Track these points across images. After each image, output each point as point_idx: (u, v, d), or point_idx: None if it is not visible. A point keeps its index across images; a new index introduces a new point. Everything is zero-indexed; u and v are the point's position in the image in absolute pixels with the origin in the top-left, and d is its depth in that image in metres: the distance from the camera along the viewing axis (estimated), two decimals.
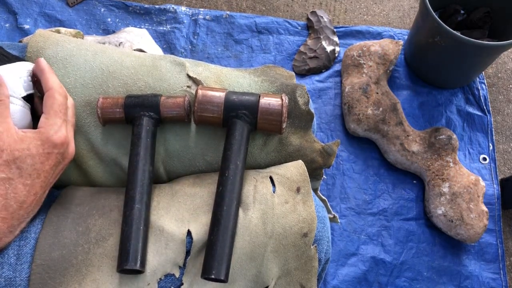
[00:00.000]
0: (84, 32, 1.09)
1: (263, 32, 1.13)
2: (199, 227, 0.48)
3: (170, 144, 0.55)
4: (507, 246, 0.95)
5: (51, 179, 0.46)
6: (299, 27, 1.15)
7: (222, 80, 0.58)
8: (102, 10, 1.13)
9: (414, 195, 0.97)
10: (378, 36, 1.15)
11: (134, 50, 0.75)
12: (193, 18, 1.13)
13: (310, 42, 1.11)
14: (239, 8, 1.18)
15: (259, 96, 0.53)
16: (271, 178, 0.52)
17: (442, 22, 0.88)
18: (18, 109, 0.46)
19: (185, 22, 1.13)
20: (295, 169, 0.54)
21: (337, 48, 1.11)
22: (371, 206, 0.95)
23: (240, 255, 0.48)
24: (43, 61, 0.48)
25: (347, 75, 1.04)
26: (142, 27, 1.11)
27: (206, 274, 0.45)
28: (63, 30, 0.82)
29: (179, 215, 0.49)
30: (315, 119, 0.60)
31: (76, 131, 0.53)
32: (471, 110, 1.06)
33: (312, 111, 0.58)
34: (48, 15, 1.10)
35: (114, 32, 1.09)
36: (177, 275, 0.47)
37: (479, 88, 1.08)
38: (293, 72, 0.66)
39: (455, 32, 0.87)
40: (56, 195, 0.52)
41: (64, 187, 0.55)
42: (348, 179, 0.98)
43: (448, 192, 0.90)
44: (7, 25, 1.08)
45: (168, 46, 1.10)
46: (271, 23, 1.14)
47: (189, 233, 0.48)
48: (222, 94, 0.53)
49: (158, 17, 1.13)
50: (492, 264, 0.91)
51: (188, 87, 0.56)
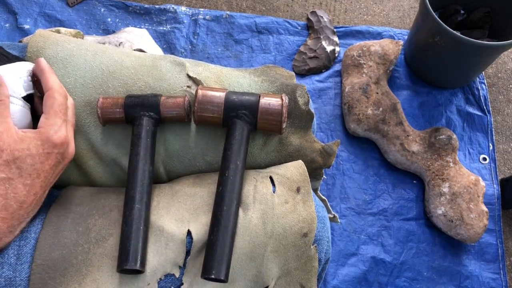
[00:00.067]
0: (84, 32, 1.09)
1: (263, 32, 1.13)
2: (199, 227, 0.48)
3: (170, 144, 0.55)
4: (507, 246, 0.95)
5: (51, 179, 0.46)
6: (299, 27, 1.15)
7: (222, 80, 0.58)
8: (102, 10, 1.13)
9: (414, 195, 0.97)
10: (378, 36, 1.15)
11: (134, 50, 0.75)
12: (193, 18, 1.13)
13: (310, 42, 1.11)
14: (239, 8, 1.18)
15: (259, 96, 0.53)
16: (271, 178, 0.52)
17: (442, 22, 0.88)
18: (18, 109, 0.46)
19: (185, 22, 1.13)
20: (295, 169, 0.54)
21: (337, 48, 1.11)
22: (371, 206, 0.95)
23: (240, 255, 0.48)
24: (43, 61, 0.48)
25: (347, 75, 1.04)
26: (142, 27, 1.11)
27: (206, 274, 0.45)
28: (63, 30, 0.82)
29: (179, 215, 0.49)
30: (315, 119, 0.60)
31: (76, 131, 0.53)
32: (471, 110, 1.06)
33: (312, 111, 0.58)
34: (48, 15, 1.10)
35: (114, 32, 1.09)
36: (177, 275, 0.47)
37: (479, 88, 1.08)
38: (293, 72, 0.66)
39: (455, 32, 0.87)
40: (56, 195, 0.52)
41: (64, 187, 0.55)
42: (348, 179, 0.98)
43: (448, 192, 0.90)
44: (7, 25, 1.08)
45: (168, 46, 1.10)
46: (271, 23, 1.14)
47: (189, 233, 0.48)
48: (222, 94, 0.53)
49: (158, 17, 1.13)
50: (492, 264, 0.91)
51: (188, 87, 0.56)
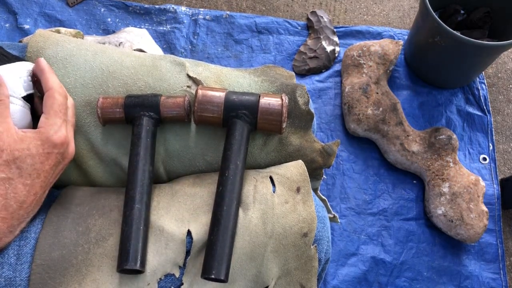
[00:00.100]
0: (84, 32, 1.09)
1: (263, 32, 1.13)
2: (199, 227, 0.48)
3: (170, 144, 0.55)
4: (507, 246, 0.95)
5: (51, 179, 0.46)
6: (299, 27, 1.15)
7: (222, 80, 0.58)
8: (102, 10, 1.13)
9: (414, 195, 0.97)
10: (378, 36, 1.14)
11: (134, 50, 0.75)
12: (193, 18, 1.13)
13: (310, 42, 1.11)
14: (239, 8, 1.18)
15: (259, 96, 0.53)
16: (271, 178, 0.52)
17: (442, 22, 0.88)
18: (18, 109, 0.46)
19: (185, 22, 1.13)
20: (295, 169, 0.54)
21: (337, 48, 1.11)
22: (371, 206, 0.95)
23: (240, 255, 0.48)
24: (43, 61, 0.48)
25: (347, 75, 1.04)
26: (142, 27, 1.11)
27: (206, 274, 0.45)
28: (63, 30, 0.82)
29: (179, 215, 0.49)
30: (315, 119, 0.60)
31: (76, 131, 0.53)
32: (471, 110, 1.06)
33: (312, 111, 0.58)
34: (48, 15, 1.10)
35: (114, 32, 1.09)
36: (177, 275, 0.47)
37: (479, 88, 1.08)
38: (293, 72, 0.66)
39: (455, 32, 0.87)
40: (56, 195, 0.52)
41: (64, 187, 0.55)
42: (348, 179, 0.98)
43: (448, 192, 0.90)
44: (7, 25, 1.08)
45: (168, 46, 1.10)
46: (271, 23, 1.14)
47: (189, 233, 0.48)
48: (222, 94, 0.53)
49: (158, 17, 1.13)
50: (492, 264, 0.91)
51: (188, 87, 0.56)
